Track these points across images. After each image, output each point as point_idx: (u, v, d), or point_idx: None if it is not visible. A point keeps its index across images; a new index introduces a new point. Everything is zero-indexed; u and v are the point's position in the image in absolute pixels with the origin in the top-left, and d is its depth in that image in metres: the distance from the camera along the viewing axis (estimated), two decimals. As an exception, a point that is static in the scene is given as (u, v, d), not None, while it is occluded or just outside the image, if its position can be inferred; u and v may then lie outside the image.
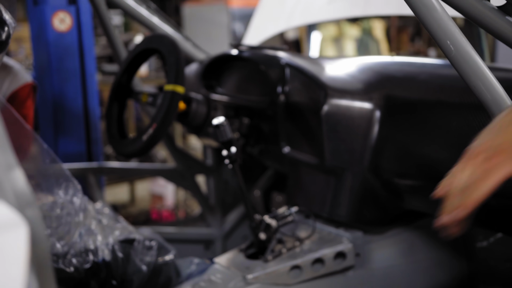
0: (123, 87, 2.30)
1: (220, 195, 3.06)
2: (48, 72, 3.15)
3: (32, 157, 2.20)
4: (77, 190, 2.14)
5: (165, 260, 2.10)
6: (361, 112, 1.87)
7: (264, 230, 1.91)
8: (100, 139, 3.33)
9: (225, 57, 2.54)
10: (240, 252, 1.99)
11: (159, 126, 2.01)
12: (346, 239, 1.95)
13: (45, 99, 3.20)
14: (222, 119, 1.91)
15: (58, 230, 2.08)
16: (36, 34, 3.20)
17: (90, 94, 3.27)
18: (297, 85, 2.10)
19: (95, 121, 3.29)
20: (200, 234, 3.02)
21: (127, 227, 2.18)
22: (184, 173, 2.95)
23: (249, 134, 2.37)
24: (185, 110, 2.18)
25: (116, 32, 2.64)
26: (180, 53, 2.07)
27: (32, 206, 0.81)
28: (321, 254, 1.89)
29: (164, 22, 2.77)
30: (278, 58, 2.23)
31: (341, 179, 1.92)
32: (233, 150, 1.91)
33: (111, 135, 2.26)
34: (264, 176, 2.83)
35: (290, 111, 2.11)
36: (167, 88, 2.03)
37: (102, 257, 2.05)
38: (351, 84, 1.95)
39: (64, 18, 3.13)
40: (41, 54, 3.18)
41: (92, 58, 3.27)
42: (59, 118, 3.19)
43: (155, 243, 2.11)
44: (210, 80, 2.62)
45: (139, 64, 2.33)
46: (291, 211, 1.98)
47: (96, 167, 2.81)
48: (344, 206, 1.94)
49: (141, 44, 2.25)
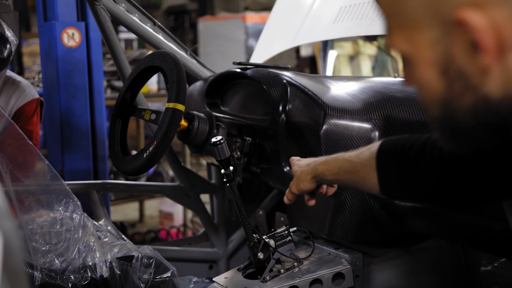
0: (126, 104, 2.30)
1: (225, 215, 3.05)
2: (56, 87, 3.17)
3: (34, 173, 2.20)
4: (77, 207, 2.14)
5: (163, 278, 2.09)
6: (360, 132, 1.86)
7: (263, 250, 1.89)
8: (106, 156, 3.34)
9: (229, 75, 2.54)
10: (238, 272, 1.97)
11: (159, 144, 2.00)
12: (345, 261, 1.92)
13: (53, 115, 3.22)
14: (220, 138, 1.90)
15: (58, 246, 2.08)
16: (46, 50, 3.23)
17: (97, 110, 3.29)
18: (298, 104, 2.09)
19: (102, 138, 3.30)
20: (204, 254, 3.00)
21: (126, 244, 2.17)
22: (189, 192, 2.95)
23: (251, 153, 2.36)
24: (186, 128, 2.18)
25: (121, 49, 2.65)
26: (182, 71, 2.07)
27: (6, 218, 0.81)
28: (319, 275, 1.87)
29: (169, 39, 2.79)
30: (280, 77, 2.22)
31: (340, 200, 1.90)
32: (230, 168, 1.90)
33: (113, 152, 2.26)
34: (268, 196, 2.82)
35: (291, 130, 2.10)
36: (168, 106, 2.03)
37: (100, 274, 2.05)
38: (351, 104, 1.94)
39: (74, 34, 3.16)
40: (50, 69, 3.21)
41: (100, 74, 3.30)
42: (66, 134, 3.21)
43: (153, 260, 2.10)
44: (213, 98, 2.62)
45: (143, 81, 2.34)
46: (290, 231, 1.96)
47: (101, 184, 2.81)
48: (343, 227, 1.92)
49: (144, 61, 2.25)
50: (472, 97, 0.82)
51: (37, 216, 2.12)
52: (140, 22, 2.68)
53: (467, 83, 0.81)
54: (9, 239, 0.79)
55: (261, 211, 2.76)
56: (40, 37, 3.30)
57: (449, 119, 0.87)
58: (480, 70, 0.79)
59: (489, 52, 0.77)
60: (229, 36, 8.39)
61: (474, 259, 2.07)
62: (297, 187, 1.71)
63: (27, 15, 9.45)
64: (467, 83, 0.81)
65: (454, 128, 0.89)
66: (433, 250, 2.05)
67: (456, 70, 0.81)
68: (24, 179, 2.18)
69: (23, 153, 2.22)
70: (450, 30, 0.79)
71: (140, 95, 2.53)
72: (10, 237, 0.80)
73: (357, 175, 1.48)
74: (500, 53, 0.77)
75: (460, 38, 0.79)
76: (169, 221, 5.22)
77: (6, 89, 2.69)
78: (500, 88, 0.79)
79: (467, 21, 0.76)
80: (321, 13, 2.87)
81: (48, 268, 2.00)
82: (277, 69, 2.38)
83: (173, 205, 5.12)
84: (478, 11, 0.76)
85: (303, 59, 8.31)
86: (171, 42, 2.79)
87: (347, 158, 1.52)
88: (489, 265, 2.06)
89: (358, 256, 1.94)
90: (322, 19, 2.83)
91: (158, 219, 5.61)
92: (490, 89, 0.80)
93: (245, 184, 2.32)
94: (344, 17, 2.65)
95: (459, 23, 0.77)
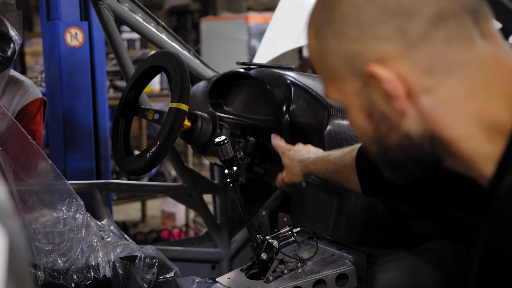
0: (130, 103, 2.30)
1: (227, 215, 3.04)
2: (59, 87, 3.17)
3: (37, 173, 2.20)
4: (80, 207, 2.14)
5: (166, 278, 2.09)
6: (364, 133, 1.85)
7: (266, 250, 1.89)
8: (109, 156, 3.33)
9: (232, 75, 2.54)
10: (241, 272, 1.97)
11: (162, 144, 2.00)
12: (348, 261, 1.92)
13: (56, 115, 3.22)
14: (223, 138, 1.90)
15: (61, 246, 2.07)
16: (49, 49, 3.23)
17: (100, 110, 3.28)
18: (302, 105, 2.09)
19: (104, 138, 3.30)
20: (206, 254, 3.00)
21: (129, 244, 2.17)
22: (191, 192, 2.94)
23: (255, 153, 2.36)
24: (190, 128, 2.17)
25: (124, 49, 2.65)
26: (186, 71, 2.06)
27: (11, 217, 0.81)
28: (323, 275, 1.86)
29: (172, 39, 2.78)
30: (284, 77, 2.22)
31: (344, 201, 1.90)
32: (234, 169, 1.90)
33: (116, 152, 2.26)
34: (271, 196, 2.82)
35: (294, 130, 2.10)
36: (172, 106, 2.03)
37: (103, 274, 2.04)
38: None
39: (77, 34, 3.16)
40: (53, 69, 3.21)
41: (103, 74, 3.29)
42: (69, 134, 3.20)
43: (156, 260, 2.10)
44: (217, 98, 2.62)
45: (146, 81, 2.33)
46: (294, 232, 1.96)
47: (104, 184, 2.81)
48: (347, 228, 1.92)
49: (147, 61, 2.25)
50: (396, 135, 0.94)
51: (40, 215, 2.12)
52: (144, 21, 2.68)
53: (389, 124, 0.94)
54: (14, 239, 0.79)
55: (264, 211, 2.75)
56: (43, 37, 3.30)
57: (384, 155, 1.00)
58: (397, 113, 0.91)
59: (399, 98, 0.89)
60: (231, 36, 8.37)
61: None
62: (289, 179, 1.86)
63: (29, 14, 9.44)
64: (390, 124, 0.94)
65: (389, 163, 1.01)
66: (437, 251, 2.04)
67: (378, 114, 0.94)
68: (27, 178, 2.17)
69: (26, 152, 2.22)
70: (367, 81, 0.92)
71: (144, 95, 2.53)
72: (15, 237, 0.80)
73: (342, 176, 1.61)
74: (410, 98, 0.90)
75: (376, 88, 0.92)
76: (171, 221, 5.21)
77: (9, 89, 2.69)
78: (418, 126, 0.91)
79: (376, 74, 0.90)
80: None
81: (51, 268, 1.99)
82: (280, 69, 2.37)
83: (175, 205, 5.11)
84: (383, 65, 0.89)
85: (305, 59, 8.30)
86: (175, 42, 2.78)
87: (332, 160, 1.64)
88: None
89: (361, 257, 1.93)
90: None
91: (160, 219, 5.61)
92: (409, 127, 0.92)
93: (248, 184, 2.32)
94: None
95: (371, 76, 0.90)
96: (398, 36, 0.88)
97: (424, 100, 0.89)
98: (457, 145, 0.90)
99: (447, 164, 0.96)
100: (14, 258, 0.76)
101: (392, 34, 0.89)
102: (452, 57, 0.88)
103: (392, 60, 0.89)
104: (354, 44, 0.92)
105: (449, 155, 0.94)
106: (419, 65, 0.88)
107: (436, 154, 0.95)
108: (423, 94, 0.89)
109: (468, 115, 0.89)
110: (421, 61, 0.88)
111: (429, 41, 0.88)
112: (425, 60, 0.88)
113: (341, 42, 0.93)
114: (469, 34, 0.89)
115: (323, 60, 0.98)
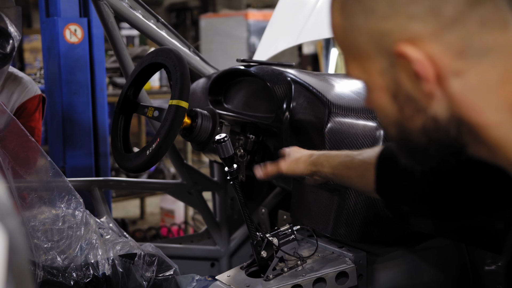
0: (129, 101, 2.29)
1: (227, 212, 3.03)
2: (58, 84, 3.16)
3: (36, 170, 2.19)
4: (79, 204, 2.13)
5: (166, 276, 2.08)
6: (365, 131, 1.85)
7: (266, 248, 1.88)
8: (108, 153, 3.32)
9: (232, 72, 2.53)
10: (241, 270, 1.96)
11: (162, 141, 1.99)
12: (349, 259, 1.91)
13: (54, 112, 3.21)
14: (224, 135, 1.89)
15: (60, 243, 2.07)
16: (48, 46, 3.22)
17: (99, 107, 3.27)
18: (303, 102, 2.08)
19: (103, 135, 3.29)
20: (205, 251, 2.99)
21: (129, 241, 2.16)
22: (191, 189, 2.93)
23: (255, 150, 2.35)
24: (190, 125, 2.16)
25: (124, 45, 2.64)
26: (186, 68, 2.05)
27: (11, 216, 0.80)
28: (323, 273, 1.86)
29: (172, 35, 2.77)
30: (284, 75, 2.21)
31: (344, 198, 1.89)
32: (234, 166, 1.89)
33: (115, 149, 2.25)
34: (271, 194, 2.81)
35: (295, 128, 2.09)
36: (172, 103, 2.02)
37: (102, 272, 2.04)
38: (356, 102, 1.93)
39: (76, 30, 3.15)
40: (52, 65, 3.20)
41: (102, 71, 3.28)
42: (68, 131, 3.20)
43: (156, 258, 2.09)
44: (217, 95, 2.61)
45: (146, 78, 2.32)
46: (293, 229, 1.95)
47: (103, 181, 2.80)
48: (347, 226, 1.91)
49: (147, 58, 2.24)
50: (422, 118, 0.92)
51: (39, 213, 2.11)
52: (144, 18, 2.67)
53: (415, 106, 0.91)
54: (14, 238, 0.79)
55: (264, 209, 2.75)
56: (42, 33, 3.29)
57: (404, 139, 0.98)
58: (425, 95, 0.89)
59: (429, 80, 0.87)
60: (231, 33, 8.36)
61: (478, 258, 2.06)
62: (289, 168, 1.77)
63: (28, 11, 9.43)
64: (416, 106, 0.91)
65: (409, 147, 0.99)
66: (437, 249, 2.04)
67: (404, 96, 0.91)
68: (26, 175, 2.17)
69: (25, 149, 2.21)
70: (395, 61, 0.90)
71: (143, 92, 2.52)
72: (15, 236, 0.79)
73: (356, 171, 1.55)
74: (439, 81, 0.87)
75: (404, 68, 0.89)
76: (170, 218, 5.21)
77: (8, 85, 2.68)
78: (445, 109, 0.89)
79: (406, 54, 0.87)
80: (326, 10, 2.85)
81: (50, 266, 1.99)
82: (281, 67, 2.36)
83: (174, 202, 5.10)
84: (413, 45, 0.87)
85: (305, 56, 8.30)
86: (175, 38, 2.77)
87: (349, 154, 1.60)
88: (493, 264, 2.05)
89: (362, 255, 1.93)
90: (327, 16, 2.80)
91: (159, 216, 5.60)
92: (436, 111, 0.90)
93: (247, 182, 2.31)
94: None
95: (400, 56, 0.88)
96: (431, 15, 0.86)
97: (454, 83, 0.87)
98: (486, 131, 0.88)
99: (471, 150, 0.94)
100: (14, 257, 0.76)
101: (425, 14, 0.86)
102: (486, 41, 0.86)
103: (423, 41, 0.87)
104: (383, 21, 0.89)
105: (475, 142, 0.92)
106: (451, 47, 0.86)
107: (461, 140, 0.93)
108: (453, 77, 0.87)
109: (500, 100, 0.87)
110: (454, 43, 0.86)
111: (463, 22, 0.86)
112: (457, 42, 0.86)
113: (370, 19, 0.91)
114: (504, 18, 0.87)
115: (348, 37, 0.95)
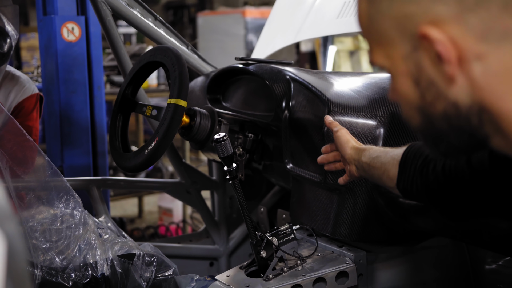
0: (127, 99, 2.28)
1: (226, 211, 3.03)
2: (56, 82, 3.15)
3: (34, 169, 2.18)
4: (78, 204, 2.12)
5: (165, 276, 2.07)
6: (365, 129, 1.83)
7: (265, 248, 1.87)
8: (106, 152, 3.31)
9: (231, 70, 2.52)
10: (241, 270, 1.95)
11: (161, 140, 1.98)
12: (349, 259, 1.91)
13: (52, 110, 3.20)
14: (223, 134, 1.88)
15: (58, 244, 2.05)
16: (45, 44, 3.20)
17: (97, 106, 3.26)
18: (302, 101, 2.07)
19: (101, 134, 3.28)
20: (204, 251, 2.98)
21: (128, 241, 2.15)
22: (189, 188, 2.92)
23: (253, 149, 2.34)
24: (188, 124, 2.15)
25: (121, 44, 2.63)
26: (184, 66, 2.04)
27: (10, 220, 0.80)
28: (323, 273, 1.85)
29: (170, 34, 2.76)
30: (283, 73, 2.20)
31: (344, 198, 1.88)
32: (233, 165, 1.88)
33: (113, 148, 2.24)
34: (270, 192, 2.80)
35: (294, 126, 2.08)
36: (170, 102, 2.01)
37: (101, 272, 2.03)
38: (355, 100, 1.92)
39: (73, 28, 3.14)
40: (49, 64, 3.19)
41: (100, 69, 3.27)
42: (66, 130, 3.18)
43: (155, 258, 2.08)
44: (215, 94, 2.60)
45: (144, 77, 2.31)
46: (293, 229, 1.94)
47: (101, 180, 2.79)
48: (347, 225, 1.90)
49: (145, 57, 2.22)
50: (443, 104, 0.91)
51: (37, 213, 2.10)
52: (142, 16, 2.66)
53: (437, 91, 0.91)
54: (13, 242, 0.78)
55: (263, 208, 2.74)
56: (40, 32, 3.28)
57: (427, 126, 0.97)
58: (446, 79, 0.88)
59: (451, 62, 0.86)
60: (228, 31, 8.34)
61: (478, 257, 2.05)
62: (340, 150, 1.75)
63: (25, 9, 9.41)
64: (437, 91, 0.90)
65: (432, 134, 0.99)
66: (437, 248, 2.03)
67: (426, 80, 0.91)
68: (24, 175, 2.15)
69: (23, 149, 2.20)
70: (417, 44, 0.90)
71: (141, 91, 2.51)
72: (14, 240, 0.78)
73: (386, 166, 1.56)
74: (461, 64, 0.86)
75: (426, 51, 0.89)
76: (168, 217, 5.20)
77: (5, 84, 2.67)
78: (467, 95, 0.88)
79: (429, 35, 0.87)
80: (324, 8, 2.84)
81: (48, 266, 1.98)
82: (280, 65, 2.35)
83: (172, 201, 5.10)
84: (436, 27, 0.86)
85: (303, 54, 8.30)
86: (172, 37, 2.76)
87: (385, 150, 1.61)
88: (494, 263, 2.05)
89: (362, 255, 1.92)
90: (326, 14, 2.80)
91: (157, 214, 5.59)
92: (458, 96, 0.89)
93: (246, 180, 2.30)
94: (348, 12, 2.62)
95: (423, 37, 0.88)
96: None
97: (475, 67, 0.86)
98: (508, 120, 0.86)
99: (493, 143, 0.92)
100: (13, 262, 0.75)
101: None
102: (508, 24, 0.84)
103: (446, 23, 0.86)
104: (407, 5, 0.90)
105: (496, 132, 0.90)
106: (473, 30, 0.85)
107: (483, 130, 0.91)
108: (475, 61, 0.86)
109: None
110: (476, 26, 0.85)
111: (486, 5, 0.85)
112: (480, 25, 0.85)
113: (394, 3, 0.91)
114: None
115: (373, 23, 0.96)
